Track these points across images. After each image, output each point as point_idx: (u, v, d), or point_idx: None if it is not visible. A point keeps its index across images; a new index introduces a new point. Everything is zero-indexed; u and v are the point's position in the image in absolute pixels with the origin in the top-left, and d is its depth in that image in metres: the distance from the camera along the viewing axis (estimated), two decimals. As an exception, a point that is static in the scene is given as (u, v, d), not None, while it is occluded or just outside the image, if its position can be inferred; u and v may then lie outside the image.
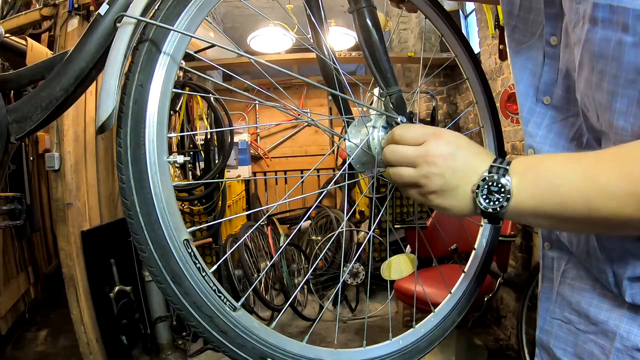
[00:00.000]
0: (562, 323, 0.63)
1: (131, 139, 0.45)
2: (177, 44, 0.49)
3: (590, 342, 0.57)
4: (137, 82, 0.46)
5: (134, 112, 0.46)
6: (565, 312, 0.62)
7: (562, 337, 0.62)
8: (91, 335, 2.02)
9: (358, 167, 0.65)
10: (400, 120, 0.59)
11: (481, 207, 0.48)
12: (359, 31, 0.61)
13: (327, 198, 4.75)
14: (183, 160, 0.51)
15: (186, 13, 0.49)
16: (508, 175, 0.47)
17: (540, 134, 0.59)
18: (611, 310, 0.54)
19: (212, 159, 2.88)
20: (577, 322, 0.60)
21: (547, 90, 0.58)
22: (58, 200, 1.98)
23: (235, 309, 0.49)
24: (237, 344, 0.48)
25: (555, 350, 0.63)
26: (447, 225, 2.29)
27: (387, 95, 0.61)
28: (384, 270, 0.68)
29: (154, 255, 0.45)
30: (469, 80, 0.87)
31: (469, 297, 0.76)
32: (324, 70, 0.71)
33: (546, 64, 0.58)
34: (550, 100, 0.58)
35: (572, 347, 0.61)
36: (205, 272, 0.48)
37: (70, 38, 1.97)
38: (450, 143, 0.50)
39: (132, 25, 0.47)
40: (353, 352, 0.60)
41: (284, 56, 3.76)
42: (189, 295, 0.46)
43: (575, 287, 0.60)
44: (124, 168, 0.45)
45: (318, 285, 3.17)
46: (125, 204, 0.45)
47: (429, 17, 0.81)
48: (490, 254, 0.82)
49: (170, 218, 0.46)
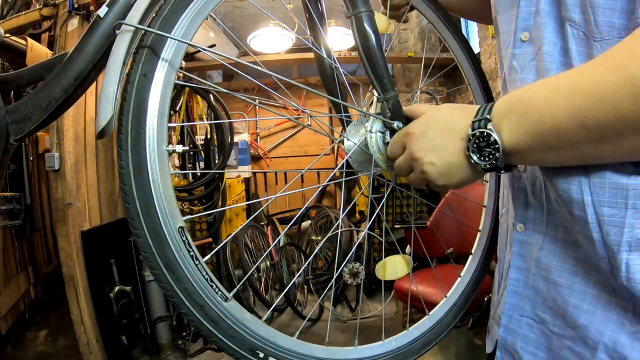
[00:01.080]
0: (533, 322, 0.55)
1: (132, 126, 0.47)
2: (176, 49, 0.50)
3: (566, 349, 0.49)
4: (140, 72, 0.47)
5: (136, 100, 0.47)
6: (538, 310, 0.54)
7: (532, 340, 0.54)
8: (91, 335, 2.02)
9: (356, 166, 0.65)
10: (396, 125, 0.59)
11: (479, 164, 0.47)
12: (356, 36, 0.61)
13: (327, 198, 4.75)
14: (182, 150, 0.51)
15: (184, 19, 0.50)
16: (490, 124, 0.45)
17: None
18: (593, 312, 0.47)
19: (212, 158, 2.88)
20: (551, 324, 0.52)
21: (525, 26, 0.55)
22: (58, 200, 1.98)
23: (226, 299, 0.49)
24: (227, 335, 0.48)
25: (522, 354, 0.55)
26: (446, 226, 2.29)
27: (384, 101, 0.61)
28: (378, 270, 0.68)
29: (148, 241, 0.46)
30: (470, 84, 0.87)
31: (464, 301, 0.76)
32: (322, 69, 0.72)
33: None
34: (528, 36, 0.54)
35: (544, 351, 0.53)
36: (198, 260, 0.48)
37: (70, 38, 1.97)
38: (422, 119, 0.52)
39: (130, 33, 0.48)
40: (344, 351, 0.60)
41: (283, 56, 3.76)
42: (180, 283, 0.47)
43: (551, 281, 0.52)
44: (124, 154, 0.46)
45: (318, 285, 3.17)
46: (124, 189, 0.46)
47: (429, 20, 0.82)
48: (487, 259, 0.82)
49: (166, 205, 0.47)
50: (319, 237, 3.47)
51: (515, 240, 0.58)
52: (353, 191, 4.02)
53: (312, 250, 3.42)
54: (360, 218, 3.67)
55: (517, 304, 0.57)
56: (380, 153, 0.62)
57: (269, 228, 3.50)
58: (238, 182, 3.51)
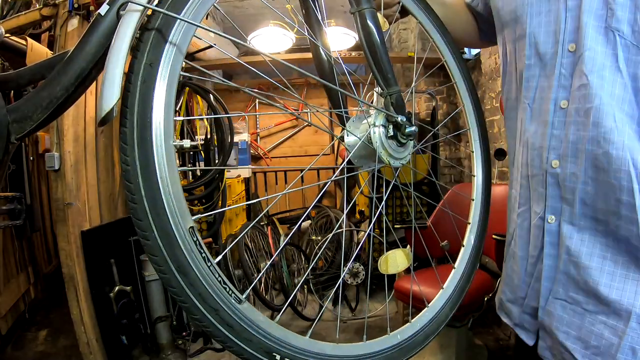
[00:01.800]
0: (566, 304, 0.61)
1: (138, 119, 0.43)
2: (183, 35, 0.47)
3: (599, 323, 0.56)
4: (146, 62, 0.44)
5: (142, 91, 0.44)
6: (571, 292, 0.61)
7: (565, 320, 0.61)
8: (91, 335, 2.02)
9: (357, 161, 0.66)
10: (400, 119, 0.60)
11: None
12: (360, 32, 0.62)
13: (327, 198, 4.75)
14: (190, 145, 0.49)
15: (192, 3, 0.48)
16: None
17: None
18: (623, 288, 0.54)
19: (212, 158, 2.88)
20: (584, 303, 0.59)
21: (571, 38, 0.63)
22: (58, 200, 1.98)
23: (240, 302, 0.47)
24: (243, 338, 0.46)
25: (557, 334, 0.61)
26: (445, 226, 2.29)
27: (387, 95, 0.61)
28: (381, 265, 0.69)
29: (158, 243, 0.43)
30: (456, 82, 0.89)
31: (460, 291, 0.78)
32: (321, 67, 0.72)
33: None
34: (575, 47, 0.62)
35: (575, 330, 0.59)
36: (210, 262, 0.46)
37: (70, 38, 1.97)
38: None
39: (137, 13, 0.45)
40: (354, 347, 0.60)
41: (283, 56, 3.75)
42: (194, 287, 0.44)
43: (581, 265, 0.59)
44: (129, 149, 0.43)
45: (318, 285, 3.17)
46: (129, 188, 0.43)
47: (418, 19, 0.82)
48: (478, 250, 0.84)
49: (175, 204, 0.44)
50: (319, 237, 3.47)
51: (546, 231, 0.65)
52: (352, 191, 4.02)
53: (312, 250, 3.42)
54: (360, 218, 3.67)
55: (552, 288, 0.64)
56: (383, 147, 0.62)
57: (269, 228, 3.50)
58: (238, 182, 3.51)
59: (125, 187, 0.44)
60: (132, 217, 0.43)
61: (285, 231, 3.83)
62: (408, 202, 3.06)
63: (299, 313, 2.86)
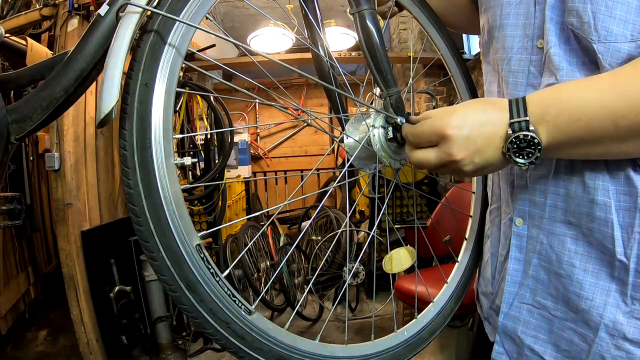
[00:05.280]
0: (533, 308, 0.60)
1: (137, 141, 0.43)
2: (182, 37, 0.47)
3: (568, 329, 0.55)
4: (141, 82, 0.44)
5: (139, 112, 0.43)
6: (538, 297, 0.59)
7: (533, 324, 0.60)
8: (91, 335, 2.02)
9: (357, 163, 0.65)
10: (399, 120, 0.60)
11: (520, 164, 0.49)
12: (360, 33, 0.61)
13: (327, 198, 4.75)
14: (191, 162, 0.49)
15: (191, 5, 0.48)
16: (531, 126, 0.48)
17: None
18: (592, 298, 0.52)
19: (212, 158, 2.88)
20: (552, 309, 0.57)
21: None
22: (58, 200, 1.98)
23: (250, 313, 0.48)
24: (254, 348, 0.47)
25: (524, 338, 0.60)
26: (445, 226, 2.29)
27: (386, 96, 0.61)
28: (385, 264, 0.69)
29: (166, 263, 0.43)
30: (453, 76, 0.88)
31: (464, 285, 0.79)
32: (320, 68, 0.72)
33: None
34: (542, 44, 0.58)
35: (546, 334, 0.58)
36: (219, 277, 0.46)
37: (70, 38, 1.97)
38: (457, 117, 0.51)
39: (136, 15, 0.45)
40: (363, 347, 0.60)
41: (283, 56, 3.76)
42: (204, 303, 0.44)
43: (552, 271, 0.57)
44: (130, 172, 0.43)
45: (318, 285, 3.17)
46: (134, 210, 0.43)
47: (413, 15, 0.82)
48: (480, 243, 0.84)
49: (180, 223, 0.44)
50: (319, 237, 3.47)
51: (513, 234, 0.62)
52: (353, 191, 4.02)
53: (312, 250, 3.42)
54: (360, 218, 3.67)
55: (517, 292, 0.62)
56: (383, 149, 0.62)
57: (269, 228, 3.50)
58: (238, 182, 3.51)
59: (130, 211, 0.43)
60: (139, 240, 0.43)
61: (285, 231, 3.84)
62: (409, 201, 3.06)
63: (299, 313, 2.86)
